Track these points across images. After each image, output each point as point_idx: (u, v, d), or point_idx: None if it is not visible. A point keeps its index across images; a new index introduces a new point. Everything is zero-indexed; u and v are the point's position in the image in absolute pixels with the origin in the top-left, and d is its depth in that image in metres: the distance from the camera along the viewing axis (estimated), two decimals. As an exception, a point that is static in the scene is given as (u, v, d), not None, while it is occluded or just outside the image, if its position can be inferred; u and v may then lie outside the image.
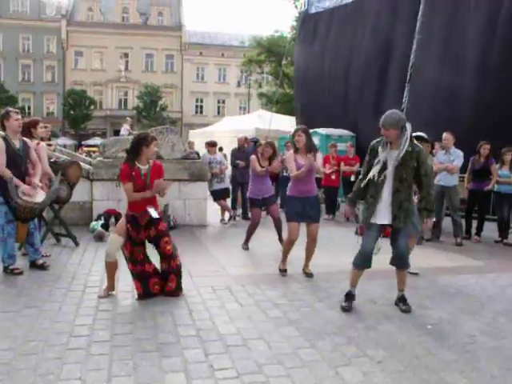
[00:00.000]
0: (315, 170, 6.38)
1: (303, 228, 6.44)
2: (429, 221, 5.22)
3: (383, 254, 5.20)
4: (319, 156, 6.48)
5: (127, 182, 5.15)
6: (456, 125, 11.00)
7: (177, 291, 5.39)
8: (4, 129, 6.07)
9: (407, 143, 4.82)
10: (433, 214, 5.25)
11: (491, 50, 12.46)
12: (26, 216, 6.08)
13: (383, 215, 5.00)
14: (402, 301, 5.24)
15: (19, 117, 6.11)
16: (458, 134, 9.30)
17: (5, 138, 5.97)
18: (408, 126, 4.83)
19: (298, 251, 6.60)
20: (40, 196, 6.22)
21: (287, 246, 6.54)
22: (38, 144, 6.67)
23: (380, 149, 4.95)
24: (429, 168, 5.04)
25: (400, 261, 5.19)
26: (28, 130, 6.73)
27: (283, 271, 6.50)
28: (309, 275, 6.40)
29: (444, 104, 13.14)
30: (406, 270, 5.33)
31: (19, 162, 6.03)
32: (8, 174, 5.85)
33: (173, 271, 5.32)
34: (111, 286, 5.41)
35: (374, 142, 5.13)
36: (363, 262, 5.11)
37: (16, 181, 5.91)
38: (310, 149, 6.38)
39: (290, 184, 6.56)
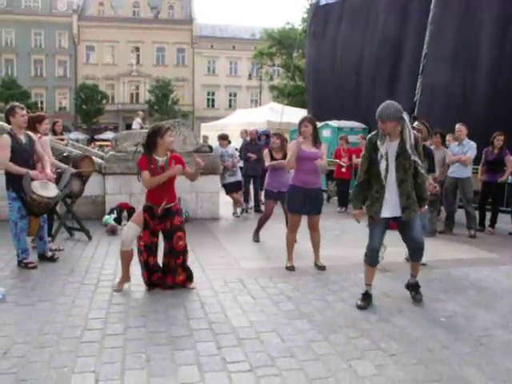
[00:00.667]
0: (322, 168, 6.35)
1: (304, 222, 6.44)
2: (423, 208, 5.15)
3: (394, 246, 5.17)
4: (323, 147, 6.45)
5: (144, 169, 5.16)
6: (469, 117, 10.91)
7: (187, 283, 5.42)
8: (9, 124, 6.11)
9: (411, 134, 4.75)
10: (426, 203, 5.14)
11: (505, 42, 12.31)
12: (41, 211, 6.14)
13: (390, 208, 4.90)
14: (414, 288, 5.22)
15: (24, 112, 6.14)
16: (471, 126, 9.22)
17: (10, 134, 6.00)
18: (405, 116, 4.74)
19: (307, 244, 6.61)
20: (53, 190, 6.25)
21: (289, 238, 6.52)
22: (39, 138, 6.68)
23: (379, 142, 4.81)
24: (421, 156, 4.92)
25: (418, 254, 5.14)
26: (33, 124, 6.76)
27: (290, 268, 6.39)
28: (321, 268, 6.38)
29: (457, 96, 13.02)
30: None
31: (27, 157, 6.07)
32: (17, 169, 5.89)
33: (182, 265, 5.34)
34: (126, 277, 5.42)
35: (370, 135, 5.00)
36: (373, 259, 5.07)
37: (32, 173, 5.95)
38: (316, 139, 6.36)
39: (292, 173, 6.52)
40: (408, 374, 3.56)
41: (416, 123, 7.21)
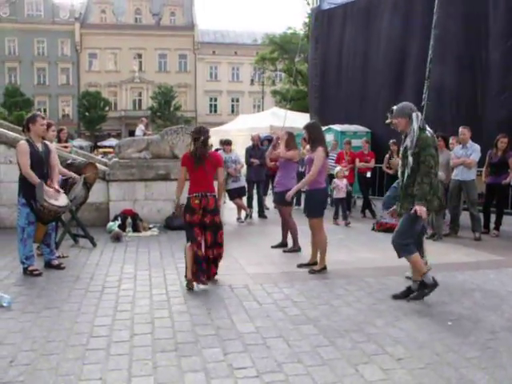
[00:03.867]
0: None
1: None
2: (417, 208, 5.05)
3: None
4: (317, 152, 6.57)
5: (182, 166, 5.94)
6: (478, 120, 10.89)
7: (215, 275, 5.99)
8: (28, 131, 6.17)
9: (417, 131, 5.05)
10: (420, 202, 5.07)
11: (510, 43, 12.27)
12: (50, 219, 6.23)
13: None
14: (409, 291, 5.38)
15: (45, 122, 6.30)
16: (481, 129, 9.19)
17: (28, 141, 6.09)
18: (415, 114, 5.11)
19: (309, 248, 6.64)
20: (63, 199, 6.34)
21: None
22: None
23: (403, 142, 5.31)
24: (428, 157, 5.02)
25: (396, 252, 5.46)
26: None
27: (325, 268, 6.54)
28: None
29: (464, 100, 12.98)
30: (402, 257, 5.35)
31: (41, 165, 6.15)
32: (34, 177, 5.96)
33: (220, 257, 5.96)
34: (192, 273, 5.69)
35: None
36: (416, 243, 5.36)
37: (46, 187, 6.04)
38: (313, 144, 6.62)
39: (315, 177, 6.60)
40: (416, 378, 3.54)
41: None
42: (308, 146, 6.59)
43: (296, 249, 7.68)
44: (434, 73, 12.11)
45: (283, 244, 8.01)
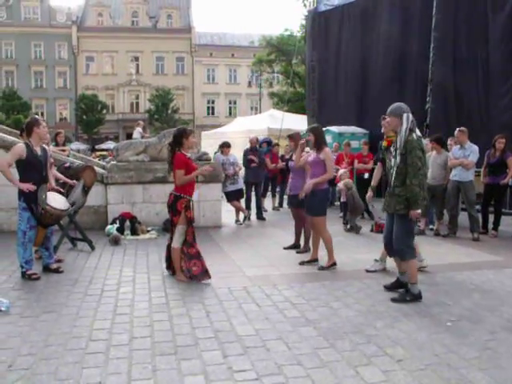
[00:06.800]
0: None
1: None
2: (412, 214, 5.22)
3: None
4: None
5: (183, 168, 5.96)
6: (482, 121, 10.88)
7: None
8: (30, 135, 6.17)
9: (406, 132, 5.16)
10: (415, 206, 5.19)
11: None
12: (51, 222, 6.27)
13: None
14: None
15: (45, 125, 6.36)
16: (485, 130, 9.19)
17: (27, 144, 6.11)
18: (406, 115, 5.18)
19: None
20: (64, 203, 6.38)
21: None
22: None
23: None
24: (415, 158, 5.13)
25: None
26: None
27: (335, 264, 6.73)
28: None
29: (467, 102, 12.98)
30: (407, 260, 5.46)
31: (40, 168, 6.16)
32: (8, 174, 6.01)
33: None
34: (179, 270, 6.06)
35: None
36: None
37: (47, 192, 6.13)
38: (319, 146, 6.75)
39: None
40: (416, 379, 3.54)
41: None
42: (307, 148, 6.68)
43: (306, 249, 7.72)
44: (437, 75, 12.10)
45: (296, 245, 8.01)
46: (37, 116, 6.59)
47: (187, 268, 6.04)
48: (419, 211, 5.21)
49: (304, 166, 7.05)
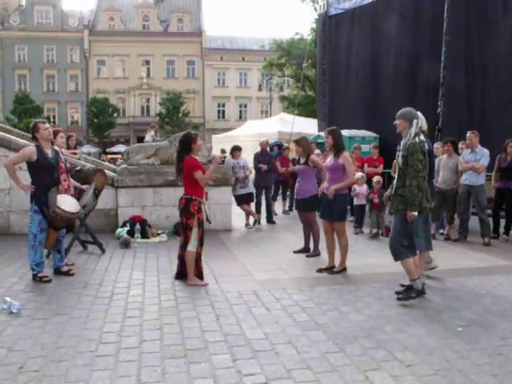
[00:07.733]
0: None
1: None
2: (408, 215, 5.25)
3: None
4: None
5: (200, 169, 6.03)
6: (495, 125, 10.80)
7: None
8: (36, 139, 6.22)
9: (411, 136, 5.26)
10: (410, 208, 5.25)
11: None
12: (63, 225, 6.28)
13: None
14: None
15: (47, 125, 6.32)
16: (497, 134, 9.13)
17: (38, 147, 6.14)
18: (416, 121, 5.31)
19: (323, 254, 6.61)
20: (75, 205, 6.43)
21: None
22: None
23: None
24: (415, 161, 5.23)
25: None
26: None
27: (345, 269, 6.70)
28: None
29: (479, 107, 12.89)
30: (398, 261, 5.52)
31: (52, 170, 6.21)
32: (12, 172, 6.10)
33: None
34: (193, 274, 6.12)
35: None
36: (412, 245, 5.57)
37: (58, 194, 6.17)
38: (338, 149, 6.76)
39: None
40: (425, 384, 3.52)
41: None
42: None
43: (317, 253, 7.71)
44: (448, 79, 12.02)
45: (306, 249, 8.01)
46: (37, 120, 6.54)
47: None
48: (415, 213, 5.25)
49: (323, 170, 7.05)
